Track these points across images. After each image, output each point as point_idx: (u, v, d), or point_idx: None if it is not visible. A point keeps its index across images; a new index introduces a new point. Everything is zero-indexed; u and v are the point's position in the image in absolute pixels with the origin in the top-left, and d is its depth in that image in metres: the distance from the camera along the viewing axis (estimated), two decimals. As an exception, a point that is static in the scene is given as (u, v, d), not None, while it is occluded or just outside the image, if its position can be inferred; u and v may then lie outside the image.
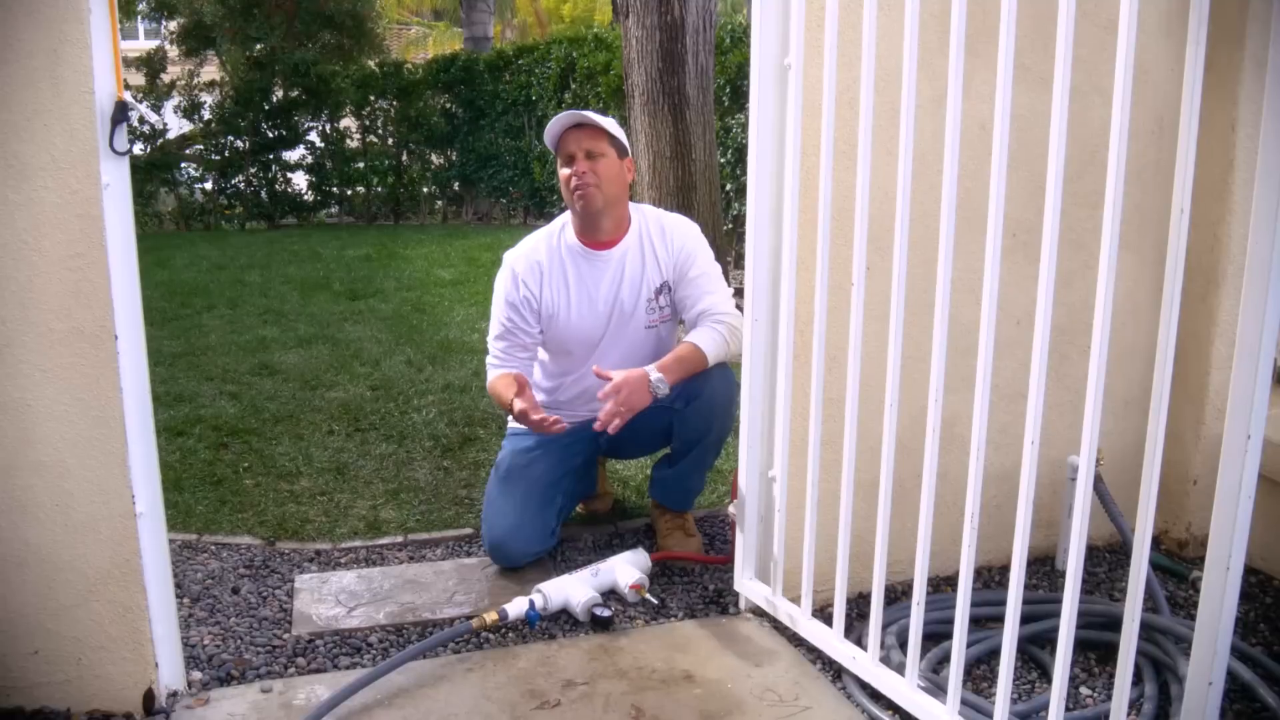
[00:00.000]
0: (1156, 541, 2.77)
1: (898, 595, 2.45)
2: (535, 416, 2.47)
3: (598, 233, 2.69)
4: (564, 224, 2.75)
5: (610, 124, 2.66)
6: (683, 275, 2.71)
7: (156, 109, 10.98)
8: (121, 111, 1.85)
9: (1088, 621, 2.24)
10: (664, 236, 2.73)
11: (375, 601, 2.52)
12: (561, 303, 2.70)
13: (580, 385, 2.80)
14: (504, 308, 2.71)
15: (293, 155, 11.66)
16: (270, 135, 11.44)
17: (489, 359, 2.76)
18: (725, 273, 2.80)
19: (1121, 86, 1.49)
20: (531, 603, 2.38)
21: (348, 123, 11.87)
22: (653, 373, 2.50)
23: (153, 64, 11.22)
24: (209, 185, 11.48)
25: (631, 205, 2.76)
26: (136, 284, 1.94)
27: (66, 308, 1.85)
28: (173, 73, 11.42)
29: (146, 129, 10.89)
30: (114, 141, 1.85)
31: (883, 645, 2.13)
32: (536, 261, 2.70)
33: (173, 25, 12.19)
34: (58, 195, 1.81)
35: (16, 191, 1.79)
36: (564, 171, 2.65)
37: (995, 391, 1.87)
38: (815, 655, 2.25)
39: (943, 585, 2.51)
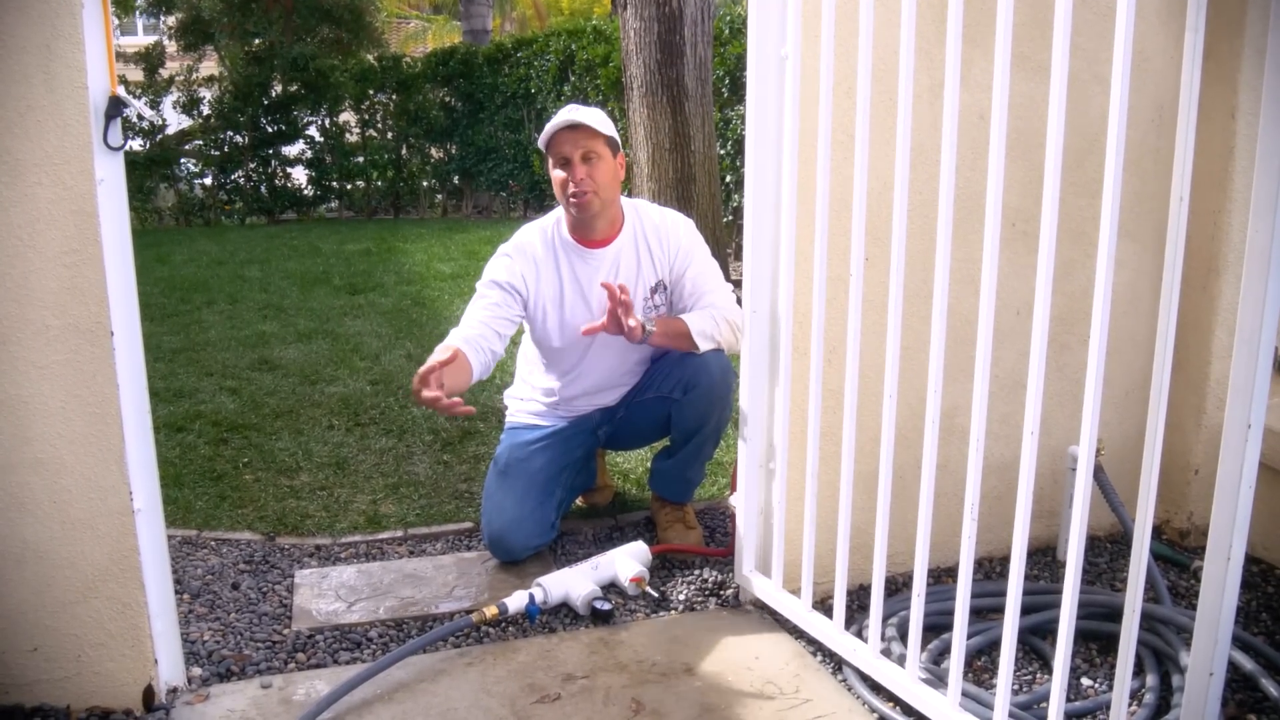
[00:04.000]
0: (1158, 531, 2.76)
1: (898, 587, 2.45)
2: (428, 394, 2.24)
3: (591, 231, 2.67)
4: (558, 219, 2.73)
5: (602, 121, 2.61)
6: (681, 275, 2.70)
7: (155, 105, 10.96)
8: (115, 107, 1.85)
9: (1089, 612, 2.24)
10: (659, 235, 2.71)
11: (375, 596, 2.52)
12: (555, 298, 2.69)
13: (581, 383, 2.79)
14: (491, 287, 2.65)
15: (292, 150, 11.64)
16: (269, 130, 11.42)
17: (455, 330, 2.57)
18: (725, 265, 2.80)
19: (1120, 74, 1.48)
20: (531, 596, 2.37)
21: (347, 117, 11.85)
22: (648, 324, 2.51)
23: (151, 59, 11.20)
24: (208, 181, 11.47)
25: (625, 201, 2.74)
26: (133, 280, 1.93)
27: (62, 304, 1.84)
28: (171, 68, 11.40)
29: (145, 125, 10.88)
30: (108, 137, 1.85)
31: (883, 637, 2.12)
32: (532, 256, 2.69)
33: (171, 21, 12.18)
34: (52, 191, 1.80)
35: (10, 188, 1.78)
36: (558, 174, 2.60)
37: (995, 382, 1.86)
38: (816, 647, 2.25)
39: (943, 576, 2.51)
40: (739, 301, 2.61)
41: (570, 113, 2.58)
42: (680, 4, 5.66)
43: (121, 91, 1.87)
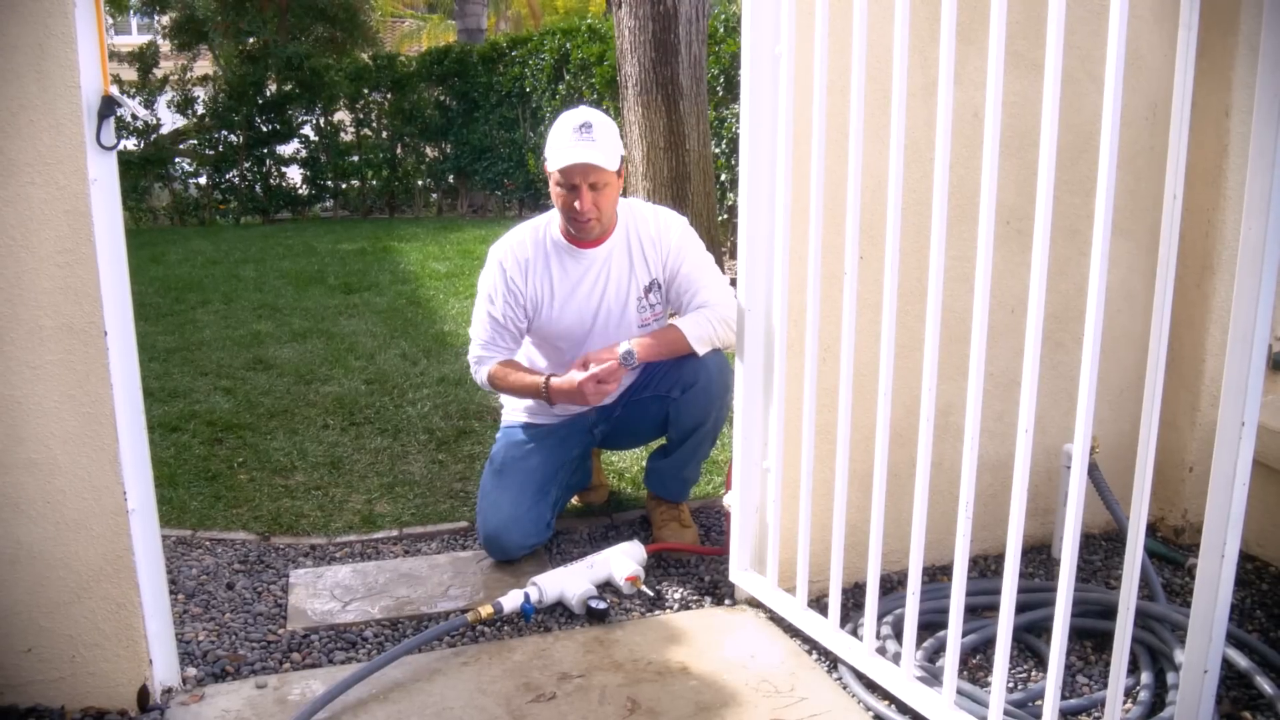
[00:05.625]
0: (1152, 529, 2.77)
1: (894, 585, 2.45)
2: (600, 368, 2.52)
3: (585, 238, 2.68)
4: (550, 219, 2.73)
5: (615, 151, 2.56)
6: (675, 273, 2.70)
7: (150, 104, 10.93)
8: (108, 106, 1.84)
9: (1084, 609, 2.24)
10: (652, 233, 2.70)
11: (370, 596, 2.52)
12: (546, 298, 2.69)
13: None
14: (494, 301, 2.69)
15: (287, 149, 11.62)
16: (264, 129, 11.40)
17: (475, 354, 2.74)
18: (720, 264, 2.79)
19: (1113, 72, 1.48)
20: (527, 596, 2.37)
21: (342, 116, 11.82)
22: (622, 345, 2.57)
23: (145, 59, 11.17)
24: (203, 180, 11.44)
25: (619, 201, 2.74)
26: (126, 279, 1.93)
27: (55, 304, 1.84)
28: (165, 67, 11.37)
29: (139, 124, 10.86)
30: (101, 136, 1.84)
31: (878, 635, 2.12)
32: (525, 258, 2.69)
33: (165, 20, 12.14)
34: (45, 191, 1.80)
35: (3, 188, 1.78)
36: (561, 192, 2.56)
37: (990, 380, 1.86)
38: (811, 646, 2.25)
39: (939, 575, 2.51)
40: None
41: (586, 149, 2.50)
42: (675, 3, 5.66)
43: (114, 90, 1.87)
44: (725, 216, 7.40)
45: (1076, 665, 2.16)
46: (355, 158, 11.67)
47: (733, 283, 2.47)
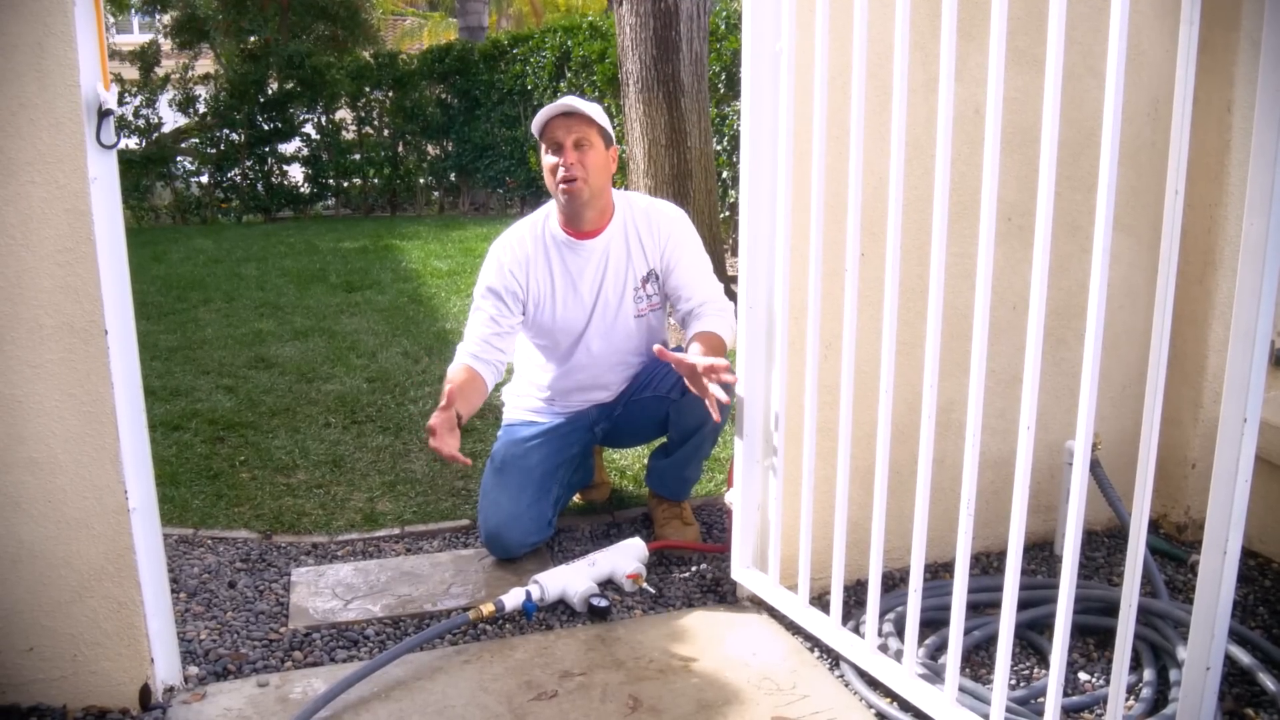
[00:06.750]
0: (1155, 525, 2.76)
1: (896, 582, 2.45)
2: (445, 449, 2.33)
3: (581, 223, 2.67)
4: (548, 214, 2.73)
5: (597, 112, 2.63)
6: (673, 265, 2.69)
7: (151, 103, 10.94)
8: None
9: (1086, 606, 2.24)
10: (650, 224, 2.71)
11: (372, 594, 2.52)
12: (546, 293, 2.69)
13: (575, 375, 2.79)
14: (488, 296, 2.68)
15: (288, 148, 11.62)
16: (266, 128, 11.40)
17: (461, 346, 2.66)
18: (722, 261, 2.79)
19: (1115, 68, 1.47)
20: (528, 594, 2.37)
21: (343, 114, 11.82)
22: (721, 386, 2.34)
23: (147, 58, 11.18)
24: (205, 179, 11.44)
25: (616, 193, 2.74)
26: (126, 278, 1.93)
27: (56, 303, 1.84)
28: (167, 66, 11.37)
29: (141, 123, 10.86)
30: (101, 135, 1.84)
31: (880, 633, 2.12)
32: (525, 253, 2.69)
33: (166, 19, 12.15)
34: (45, 190, 1.79)
35: (4, 187, 1.78)
36: (550, 160, 2.62)
37: (992, 376, 1.86)
38: (813, 643, 2.25)
39: (941, 572, 2.51)
40: (732, 296, 2.61)
41: (564, 102, 2.62)
42: (676, 0, 5.65)
43: (105, 96, 1.84)
44: (727, 214, 7.40)
45: (1079, 662, 2.16)
46: (357, 156, 11.68)
47: (734, 280, 2.46)
